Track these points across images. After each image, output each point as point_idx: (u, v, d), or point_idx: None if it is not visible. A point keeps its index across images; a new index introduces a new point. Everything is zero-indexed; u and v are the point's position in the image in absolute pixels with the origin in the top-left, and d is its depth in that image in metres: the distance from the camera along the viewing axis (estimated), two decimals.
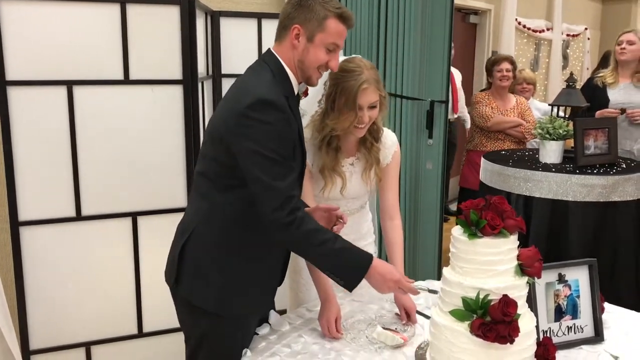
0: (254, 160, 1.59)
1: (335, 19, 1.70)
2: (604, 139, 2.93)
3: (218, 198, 1.72)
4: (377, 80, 1.93)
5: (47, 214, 2.34)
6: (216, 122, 1.71)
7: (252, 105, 1.58)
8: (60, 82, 2.28)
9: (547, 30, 8.29)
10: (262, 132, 1.59)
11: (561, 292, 1.85)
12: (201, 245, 1.74)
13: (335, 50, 1.76)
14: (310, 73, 1.76)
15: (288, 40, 1.71)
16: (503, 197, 1.52)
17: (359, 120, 1.92)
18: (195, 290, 1.75)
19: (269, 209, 1.60)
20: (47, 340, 2.42)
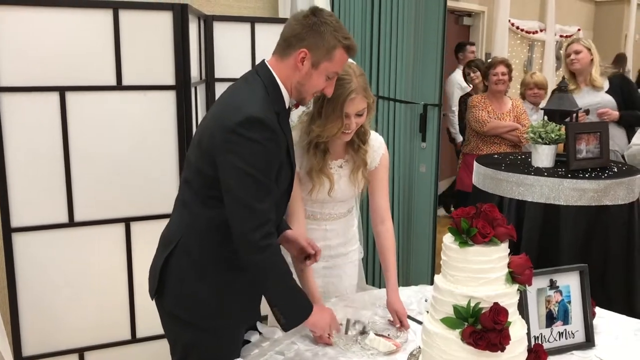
0: (237, 177, 1.58)
1: (343, 49, 1.71)
2: (595, 142, 2.94)
3: (202, 211, 1.70)
4: (365, 88, 1.94)
5: (40, 220, 2.34)
6: (204, 132, 1.68)
7: (242, 123, 1.56)
8: (53, 88, 2.27)
9: (540, 31, 8.33)
10: (248, 150, 1.58)
11: (552, 298, 1.86)
12: (186, 258, 1.72)
13: (334, 78, 1.77)
14: (305, 95, 1.77)
15: (291, 60, 1.69)
16: (494, 205, 1.53)
17: (345, 127, 1.94)
18: (180, 302, 1.74)
19: (245, 228, 1.60)
20: (40, 346, 2.41)
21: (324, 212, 2.18)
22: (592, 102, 3.87)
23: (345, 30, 1.73)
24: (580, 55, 3.87)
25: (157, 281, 1.74)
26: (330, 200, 2.14)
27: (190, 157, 1.75)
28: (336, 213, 2.19)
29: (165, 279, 1.73)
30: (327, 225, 2.19)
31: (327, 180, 2.06)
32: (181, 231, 1.73)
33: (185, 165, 1.79)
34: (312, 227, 2.17)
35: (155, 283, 1.75)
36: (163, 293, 1.75)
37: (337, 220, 2.21)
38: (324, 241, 2.19)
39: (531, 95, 4.48)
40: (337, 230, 2.22)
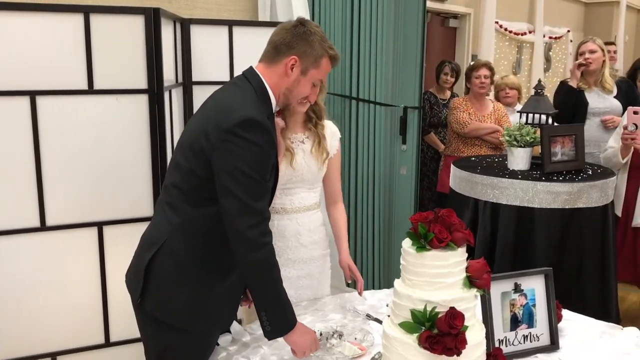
0: (234, 177, 1.60)
1: (328, 59, 1.83)
2: (570, 145, 2.96)
3: (191, 212, 1.71)
4: None
5: (12, 224, 2.33)
6: (196, 134, 1.69)
7: (240, 124, 1.60)
8: (23, 92, 2.26)
9: (529, 32, 8.35)
10: (248, 152, 1.61)
11: (517, 301, 1.87)
12: (171, 259, 1.72)
13: (317, 86, 1.87)
14: (292, 102, 1.86)
15: (281, 67, 1.77)
16: (452, 210, 1.54)
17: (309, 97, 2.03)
18: (163, 305, 1.73)
19: (242, 226, 1.62)
20: (12, 350, 2.40)
21: (294, 202, 2.22)
22: (601, 106, 3.83)
23: (329, 41, 1.85)
24: (595, 55, 3.81)
25: (141, 283, 1.73)
26: (298, 182, 2.19)
27: (178, 161, 1.74)
28: (306, 203, 2.24)
29: (149, 280, 1.73)
30: (299, 219, 2.24)
31: (287, 152, 2.14)
32: (167, 232, 1.73)
33: (172, 168, 1.78)
34: (284, 223, 2.22)
35: (140, 285, 1.73)
36: (145, 295, 1.74)
37: (308, 212, 2.26)
38: (297, 239, 2.24)
39: (503, 97, 4.51)
40: (308, 224, 2.26)
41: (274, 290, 1.70)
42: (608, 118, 3.78)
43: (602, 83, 3.84)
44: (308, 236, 2.26)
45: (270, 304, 1.69)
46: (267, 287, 1.70)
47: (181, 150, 1.75)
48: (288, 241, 2.23)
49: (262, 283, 1.69)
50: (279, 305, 1.71)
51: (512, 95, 4.50)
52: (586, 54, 3.82)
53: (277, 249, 2.14)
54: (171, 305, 1.72)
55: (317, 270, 2.31)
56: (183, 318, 1.73)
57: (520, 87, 4.57)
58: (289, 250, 2.23)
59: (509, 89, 4.49)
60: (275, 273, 1.70)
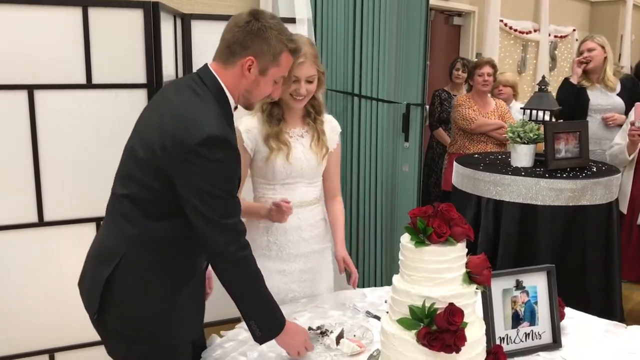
0: (202, 199, 1.53)
1: (289, 52, 1.70)
2: (575, 142, 2.92)
3: (149, 225, 1.63)
4: (315, 56, 2.07)
5: (9, 219, 2.32)
6: (151, 147, 1.57)
7: (204, 142, 1.50)
8: (21, 86, 2.26)
9: (534, 31, 8.30)
10: (211, 171, 1.53)
11: (519, 298, 1.84)
12: (132, 274, 1.63)
13: (280, 82, 1.75)
14: (253, 101, 1.75)
15: (237, 68, 1.64)
16: (451, 205, 1.51)
17: (296, 92, 2.04)
18: (128, 319, 1.66)
19: (220, 243, 1.57)
20: (10, 347, 2.40)
21: (295, 197, 2.17)
22: (603, 104, 3.81)
23: (288, 31, 1.70)
24: (593, 53, 3.80)
25: (98, 299, 1.64)
26: (297, 177, 2.16)
27: (132, 172, 1.64)
28: (307, 198, 2.22)
29: (109, 295, 1.64)
30: (300, 214, 2.20)
31: (284, 146, 2.12)
32: (124, 246, 1.64)
33: (124, 177, 1.68)
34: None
35: (97, 301, 1.64)
36: (105, 310, 1.65)
37: (309, 207, 2.23)
38: (298, 233, 2.21)
39: (497, 94, 4.49)
40: (309, 219, 2.24)
41: (260, 298, 1.68)
42: (609, 116, 3.75)
43: (604, 80, 3.81)
44: (309, 230, 2.24)
45: (258, 312, 1.66)
46: (252, 297, 1.66)
47: (134, 160, 1.63)
48: (290, 235, 2.20)
49: (247, 295, 1.66)
50: (266, 311, 1.68)
51: (506, 92, 4.49)
52: (585, 52, 3.80)
53: (279, 244, 2.17)
54: (136, 319, 1.65)
55: (318, 264, 2.29)
56: (150, 330, 1.66)
57: (515, 85, 4.56)
58: (290, 245, 2.21)
59: (502, 86, 4.49)
60: (259, 282, 1.67)
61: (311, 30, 3.32)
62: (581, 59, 3.82)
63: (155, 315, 1.66)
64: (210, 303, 3.12)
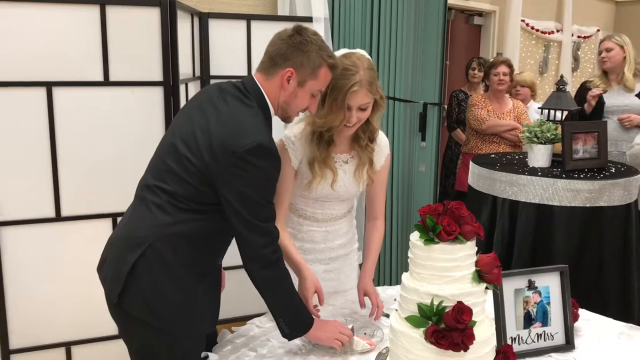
0: (244, 203, 1.61)
1: (327, 68, 1.74)
2: (593, 142, 2.89)
3: (184, 218, 1.67)
4: (371, 82, 1.90)
5: (27, 214, 2.36)
6: (197, 148, 1.62)
7: (251, 151, 1.57)
8: (40, 83, 2.29)
9: (557, 31, 8.21)
10: (256, 178, 1.61)
11: (531, 298, 1.82)
12: (158, 262, 1.67)
13: (317, 96, 1.80)
14: (290, 114, 1.80)
15: (277, 79, 1.72)
16: (462, 203, 1.50)
17: (347, 120, 1.93)
18: (147, 307, 1.69)
19: (257, 245, 1.65)
20: (27, 340, 2.43)
21: (326, 213, 2.15)
22: (619, 104, 3.75)
23: (329, 49, 1.76)
24: (611, 53, 3.74)
25: (121, 284, 1.68)
26: (333, 198, 2.11)
27: (172, 166, 1.67)
28: (337, 214, 2.17)
29: (133, 280, 1.68)
30: (329, 227, 2.17)
31: (329, 172, 2.03)
32: (154, 234, 1.67)
33: (162, 170, 1.70)
34: (314, 229, 2.16)
35: (120, 286, 1.68)
36: (127, 295, 1.69)
37: (339, 220, 2.19)
38: (325, 243, 2.19)
39: (514, 94, 4.45)
40: (338, 231, 2.20)
41: (289, 298, 1.75)
42: (625, 117, 3.69)
43: (623, 81, 3.75)
44: (336, 240, 2.21)
45: (287, 311, 1.73)
46: (282, 297, 1.73)
47: (175, 156, 1.67)
48: (317, 245, 2.18)
49: (277, 295, 1.73)
50: (295, 310, 1.75)
51: (523, 93, 4.43)
52: (602, 52, 3.74)
53: (305, 249, 2.15)
54: (156, 307, 1.68)
55: (344, 265, 2.27)
56: (168, 320, 1.69)
57: (533, 85, 4.50)
58: (317, 252, 2.19)
59: (520, 87, 4.43)
60: (288, 282, 1.74)
61: (328, 29, 3.32)
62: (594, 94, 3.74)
63: (175, 305, 1.70)
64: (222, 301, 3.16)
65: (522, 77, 4.51)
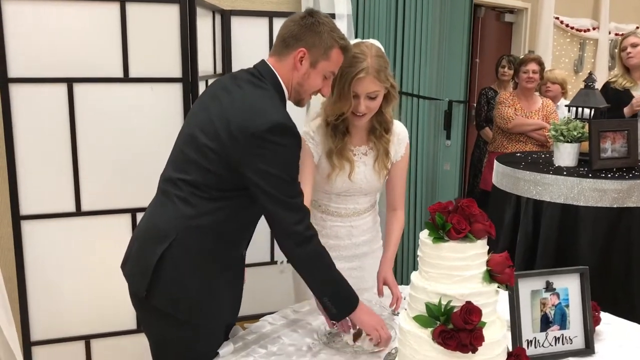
0: (271, 182, 1.61)
1: (339, 49, 1.75)
2: (622, 141, 2.79)
3: (207, 205, 1.68)
4: (379, 70, 1.89)
5: (48, 208, 2.39)
6: (215, 134, 1.63)
7: (271, 129, 1.58)
8: (61, 79, 2.32)
9: (593, 29, 8.02)
10: (278, 156, 1.61)
11: (548, 300, 1.76)
12: (184, 254, 1.68)
13: (330, 78, 1.80)
14: (303, 96, 1.80)
15: (290, 60, 1.72)
16: (473, 200, 1.46)
17: (355, 108, 1.90)
18: (175, 300, 1.69)
19: (289, 222, 1.64)
20: (47, 332, 2.47)
21: (349, 208, 2.14)
22: None
23: (340, 31, 1.77)
24: (637, 49, 3.63)
25: (149, 278, 1.68)
26: (355, 192, 2.10)
27: (192, 156, 1.68)
28: (361, 208, 2.16)
29: (160, 273, 1.68)
30: (353, 222, 2.17)
31: (347, 163, 2.02)
32: (180, 226, 1.68)
33: (182, 162, 1.71)
34: (338, 225, 2.16)
35: (147, 280, 1.68)
36: (154, 288, 1.69)
37: (362, 215, 2.18)
38: (350, 239, 2.18)
39: (544, 92, 4.35)
40: (362, 226, 2.19)
41: (331, 274, 1.72)
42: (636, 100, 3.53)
43: None
44: (361, 236, 2.20)
45: (331, 289, 1.72)
46: (323, 274, 1.72)
47: (195, 146, 1.67)
48: (341, 241, 2.17)
49: (317, 272, 1.72)
50: (339, 286, 1.73)
51: (554, 90, 4.32)
52: (628, 48, 3.62)
53: (330, 246, 2.09)
54: (183, 300, 1.69)
55: (368, 262, 2.25)
56: (194, 312, 1.71)
57: (564, 82, 4.39)
58: (341, 248, 2.17)
59: (550, 84, 4.33)
60: (327, 258, 1.72)
61: (351, 25, 3.30)
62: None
63: (200, 297, 1.71)
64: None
65: (552, 74, 4.41)
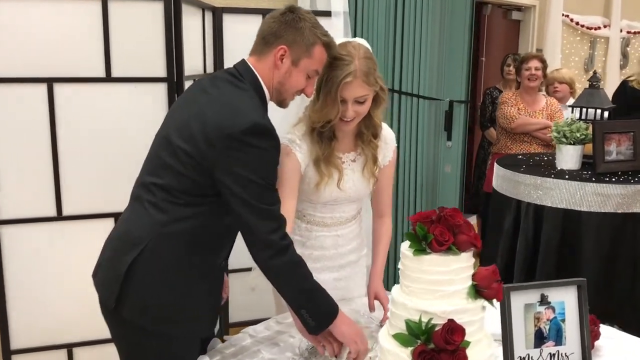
0: (245, 187, 1.51)
1: (322, 46, 1.67)
2: (628, 143, 2.67)
3: (180, 211, 1.59)
4: (367, 73, 1.78)
5: (28, 213, 2.32)
6: (191, 136, 1.55)
7: (248, 130, 1.49)
8: (41, 79, 2.25)
9: (604, 27, 7.87)
10: (256, 159, 1.52)
11: (543, 314, 1.65)
12: (155, 262, 1.60)
13: (313, 77, 1.71)
14: (285, 96, 1.71)
15: (270, 58, 1.64)
16: (457, 209, 1.36)
17: (342, 114, 1.80)
18: (145, 310, 1.61)
19: (264, 231, 1.53)
20: (28, 340, 2.40)
21: (335, 217, 2.04)
22: None
23: (322, 27, 1.69)
24: None
25: (119, 286, 1.60)
26: (343, 200, 2.00)
27: (167, 160, 1.60)
28: (347, 216, 2.06)
29: (130, 283, 1.60)
30: (339, 231, 2.07)
31: (335, 171, 1.91)
32: (152, 233, 1.60)
33: (157, 166, 1.63)
34: (323, 234, 2.05)
35: (117, 289, 1.60)
36: (124, 299, 1.61)
37: (349, 223, 2.08)
38: (336, 249, 2.08)
39: (552, 92, 4.22)
40: (348, 235, 2.09)
41: (307, 284, 1.61)
42: None
43: None
44: (347, 245, 2.10)
45: (308, 300, 1.61)
46: (299, 285, 1.61)
47: (170, 150, 1.59)
48: (327, 251, 2.07)
49: (293, 283, 1.61)
50: (317, 297, 1.62)
51: (562, 90, 4.19)
52: None
53: (315, 257, 2.04)
54: (154, 311, 1.61)
55: (354, 272, 2.16)
56: (166, 324, 1.62)
57: (572, 82, 4.25)
58: (327, 259, 2.08)
59: (557, 83, 4.20)
60: (303, 268, 1.61)
61: (347, 23, 3.20)
62: None
63: (172, 307, 1.62)
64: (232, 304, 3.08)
65: (560, 73, 4.28)
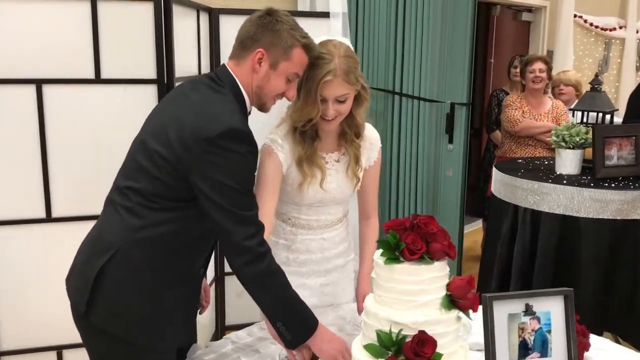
0: (221, 192, 1.48)
1: (302, 49, 1.64)
2: (630, 148, 2.60)
3: (154, 216, 1.57)
4: (348, 71, 1.74)
5: (17, 214, 2.31)
6: (168, 141, 1.53)
7: (224, 134, 1.47)
8: (29, 80, 2.24)
9: (620, 28, 7.75)
10: (232, 164, 1.49)
11: (527, 325, 1.61)
12: (126, 267, 1.57)
13: (294, 80, 1.68)
14: (265, 100, 1.68)
15: (248, 62, 1.61)
16: (433, 217, 1.32)
17: (323, 113, 1.77)
18: (115, 316, 1.58)
19: (240, 237, 1.50)
20: (17, 342, 2.39)
21: (320, 219, 2.00)
22: None
23: (302, 29, 1.65)
24: None
25: (89, 292, 1.57)
26: (328, 202, 1.96)
27: (143, 164, 1.58)
28: (333, 219, 2.02)
29: (100, 289, 1.57)
30: (325, 234, 2.03)
31: (318, 171, 1.88)
32: (125, 238, 1.58)
33: (133, 170, 1.62)
34: (309, 238, 2.01)
35: (87, 294, 1.57)
36: (93, 305, 1.58)
37: (335, 226, 2.04)
38: (322, 252, 2.04)
39: (558, 94, 4.15)
40: (334, 238, 2.05)
41: (284, 295, 1.57)
42: None
43: None
44: (333, 248, 2.06)
45: (284, 312, 1.56)
46: (276, 295, 1.56)
47: (146, 154, 1.57)
48: (313, 255, 2.03)
49: (270, 292, 1.56)
50: (294, 309, 1.57)
51: (567, 93, 4.11)
52: None
53: (300, 261, 2.01)
54: (124, 317, 1.58)
55: (341, 277, 2.12)
56: (137, 331, 1.58)
57: (578, 84, 4.17)
58: (311, 263, 2.04)
59: (563, 86, 4.12)
60: (280, 277, 1.56)
61: (346, 24, 3.16)
62: None
63: (143, 315, 1.59)
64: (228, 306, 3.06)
65: (566, 75, 4.21)
